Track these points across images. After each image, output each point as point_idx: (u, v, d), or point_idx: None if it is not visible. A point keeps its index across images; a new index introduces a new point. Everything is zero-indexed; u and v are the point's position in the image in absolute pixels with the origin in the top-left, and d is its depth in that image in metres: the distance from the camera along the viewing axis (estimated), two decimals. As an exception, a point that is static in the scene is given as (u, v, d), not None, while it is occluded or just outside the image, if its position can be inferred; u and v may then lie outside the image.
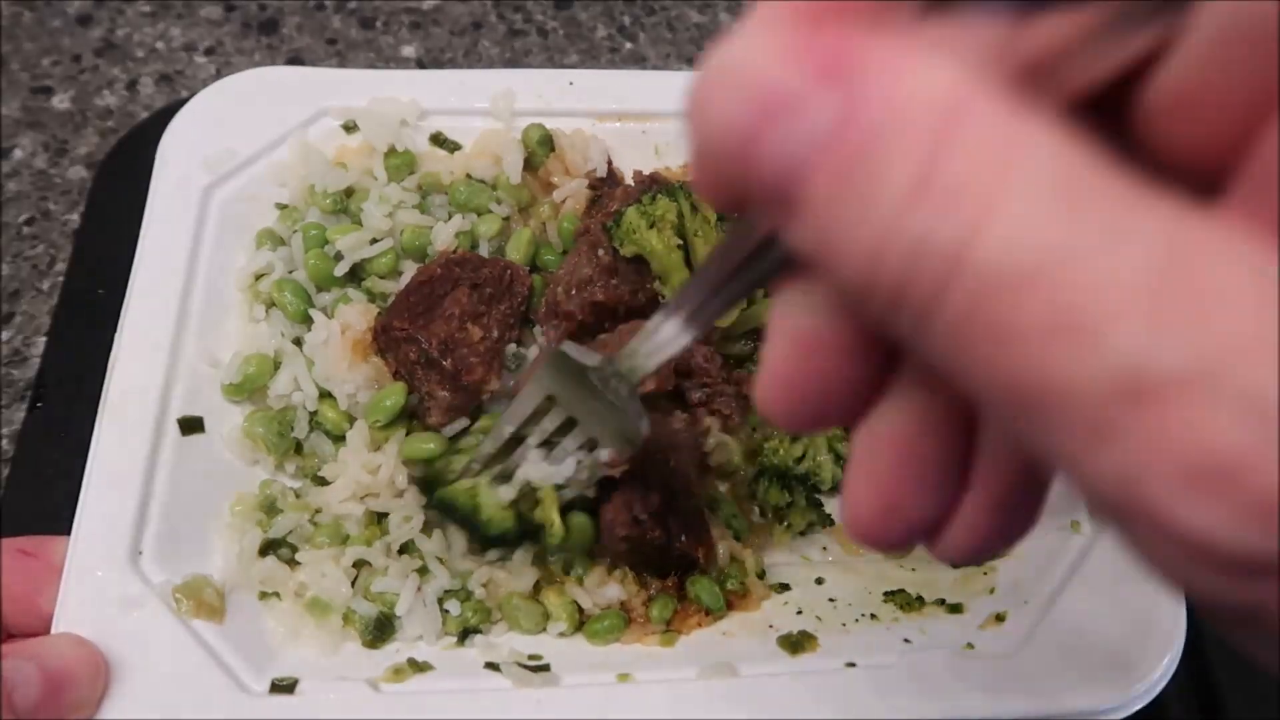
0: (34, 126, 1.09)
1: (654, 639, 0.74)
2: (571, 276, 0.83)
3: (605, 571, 0.76)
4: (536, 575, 0.76)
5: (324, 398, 0.80)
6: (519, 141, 0.93)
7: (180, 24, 1.19)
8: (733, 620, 0.76)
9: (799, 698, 0.69)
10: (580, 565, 0.76)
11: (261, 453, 0.79)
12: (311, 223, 0.86)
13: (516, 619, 0.74)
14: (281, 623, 0.72)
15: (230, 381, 0.80)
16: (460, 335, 0.79)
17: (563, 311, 0.82)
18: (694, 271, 0.42)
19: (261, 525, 0.75)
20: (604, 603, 0.76)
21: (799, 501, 0.80)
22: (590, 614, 0.75)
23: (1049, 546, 0.77)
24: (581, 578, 0.76)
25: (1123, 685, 0.69)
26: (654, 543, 0.74)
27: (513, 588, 0.75)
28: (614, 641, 0.74)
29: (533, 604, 0.75)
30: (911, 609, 0.76)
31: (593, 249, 0.84)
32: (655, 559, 0.76)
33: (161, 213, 0.85)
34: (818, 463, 0.81)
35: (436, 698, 0.68)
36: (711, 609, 0.76)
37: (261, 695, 0.67)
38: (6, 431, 0.88)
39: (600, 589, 0.76)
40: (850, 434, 0.33)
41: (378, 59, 1.18)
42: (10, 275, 0.98)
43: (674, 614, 0.76)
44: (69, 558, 0.69)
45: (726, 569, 0.77)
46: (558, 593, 0.76)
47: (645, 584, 0.77)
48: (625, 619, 0.75)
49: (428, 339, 0.78)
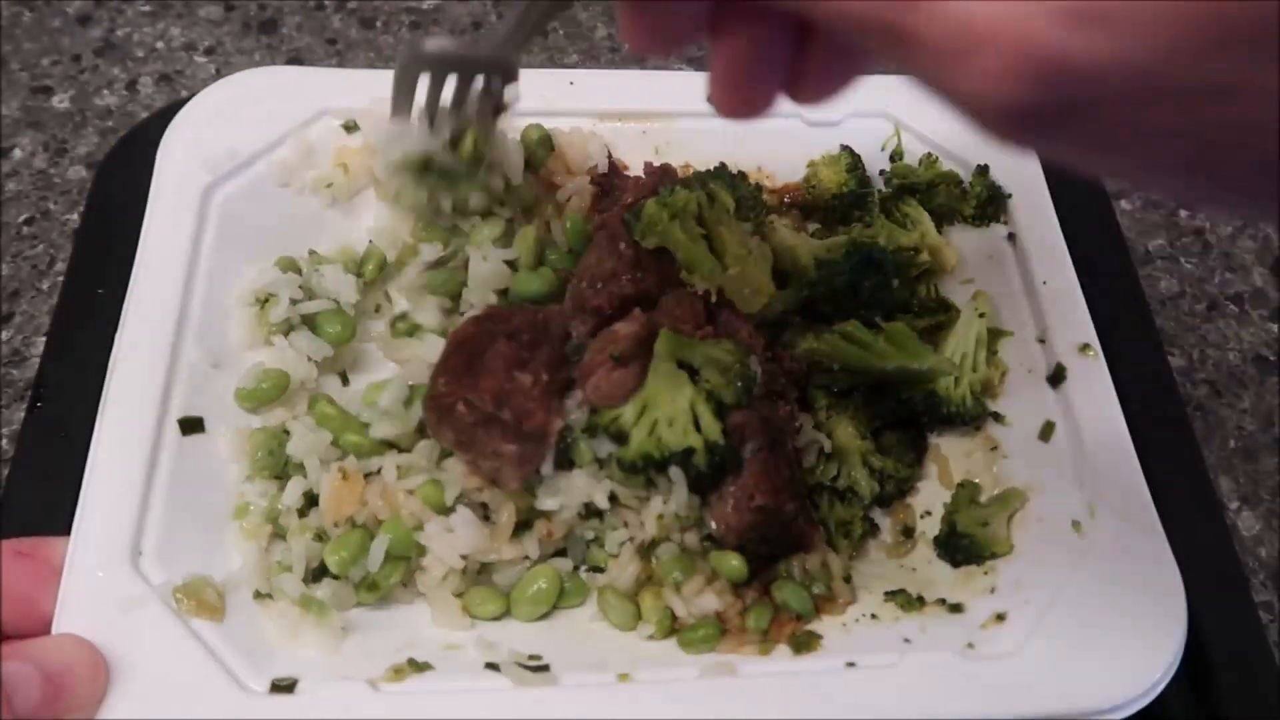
0: (34, 126, 1.09)
1: (751, 648, 0.74)
2: (596, 270, 0.83)
3: (704, 581, 0.76)
4: (637, 571, 0.76)
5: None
6: (518, 143, 0.93)
7: (180, 24, 1.19)
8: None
9: (799, 698, 0.69)
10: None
11: (242, 462, 0.78)
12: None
13: (607, 613, 0.75)
14: (278, 623, 0.72)
15: (244, 388, 0.80)
16: (510, 385, 0.76)
17: (590, 306, 0.82)
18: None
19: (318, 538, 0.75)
20: (699, 612, 0.75)
21: (857, 513, 0.81)
22: (684, 623, 0.75)
23: (1049, 547, 0.77)
24: (680, 585, 0.75)
25: (1123, 685, 0.69)
26: (785, 515, 0.75)
27: (612, 580, 0.76)
28: (708, 651, 0.73)
29: (627, 603, 0.75)
30: (912, 608, 0.76)
31: (613, 243, 0.84)
32: (774, 535, 0.76)
33: (161, 212, 0.85)
34: (853, 477, 0.83)
35: (436, 697, 0.68)
36: (802, 614, 0.75)
37: (261, 695, 0.67)
38: (6, 431, 0.88)
39: (697, 598, 0.75)
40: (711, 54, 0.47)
41: (378, 59, 1.18)
42: (10, 275, 0.98)
43: (770, 623, 0.75)
44: (69, 558, 0.69)
45: (814, 573, 0.77)
46: (654, 595, 0.76)
47: (740, 594, 0.76)
48: (721, 629, 0.75)
49: (479, 396, 0.75)
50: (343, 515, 0.75)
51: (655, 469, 0.75)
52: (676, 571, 0.76)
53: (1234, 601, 0.85)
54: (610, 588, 0.76)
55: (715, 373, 0.76)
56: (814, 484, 0.82)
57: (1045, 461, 0.82)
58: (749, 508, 0.74)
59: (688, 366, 0.77)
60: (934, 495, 0.85)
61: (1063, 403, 0.84)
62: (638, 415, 0.75)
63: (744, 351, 0.78)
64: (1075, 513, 0.78)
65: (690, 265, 0.81)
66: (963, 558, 0.79)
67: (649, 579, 0.77)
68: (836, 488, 0.83)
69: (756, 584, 0.77)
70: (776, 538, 0.77)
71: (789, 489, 0.76)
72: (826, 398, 0.85)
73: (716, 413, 0.75)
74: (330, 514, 0.75)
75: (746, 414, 0.76)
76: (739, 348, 0.78)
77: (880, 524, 0.84)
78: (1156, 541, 0.75)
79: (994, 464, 0.85)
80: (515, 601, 0.75)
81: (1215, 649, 0.80)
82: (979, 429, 0.86)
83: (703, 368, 0.76)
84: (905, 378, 0.84)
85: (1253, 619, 0.85)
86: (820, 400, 0.85)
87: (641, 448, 0.74)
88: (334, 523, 0.75)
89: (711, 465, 0.74)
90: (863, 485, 0.83)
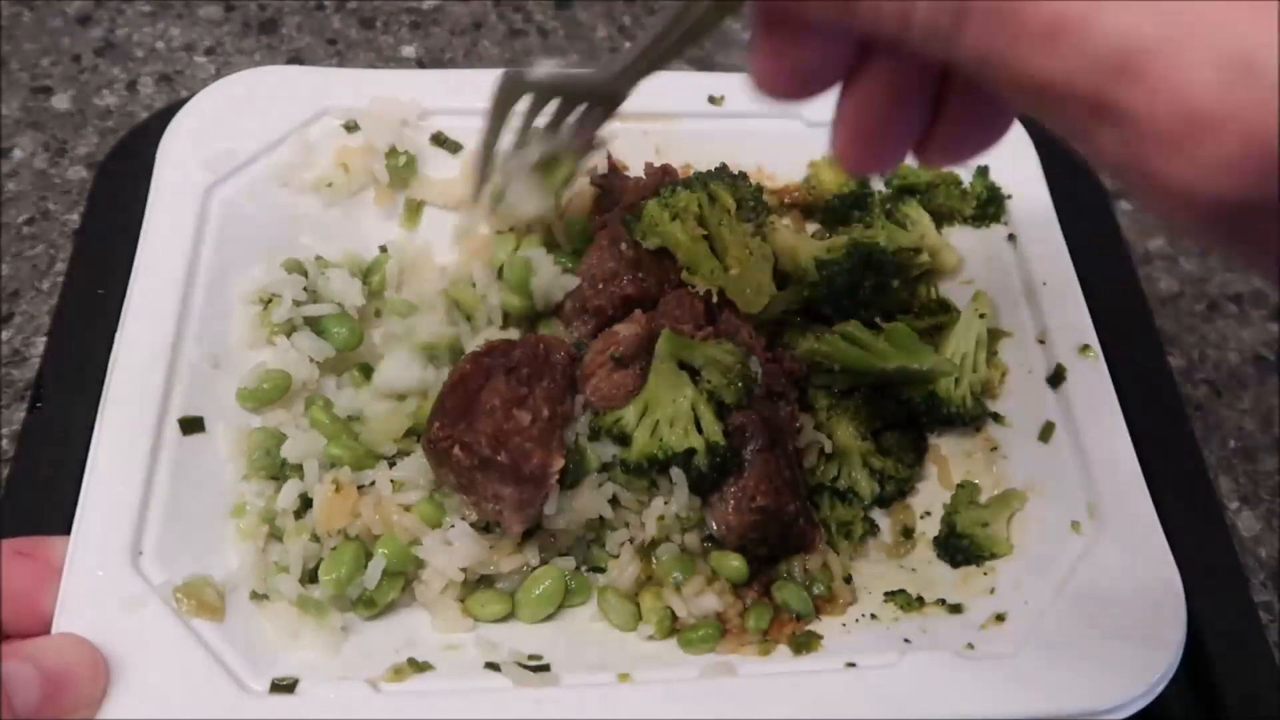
0: (34, 126, 1.09)
1: (751, 648, 0.74)
2: (597, 271, 0.83)
3: (704, 581, 0.76)
4: (637, 572, 0.76)
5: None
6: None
7: (180, 24, 1.19)
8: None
9: (799, 698, 0.69)
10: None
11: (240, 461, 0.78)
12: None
13: (607, 613, 0.75)
14: (277, 624, 0.71)
15: (246, 388, 0.79)
16: (509, 425, 0.73)
17: (592, 306, 0.82)
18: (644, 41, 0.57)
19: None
20: (699, 612, 0.75)
21: (857, 514, 0.82)
22: (684, 623, 0.75)
23: (1049, 547, 0.77)
24: (680, 585, 0.75)
25: (1123, 685, 0.69)
26: (786, 516, 0.75)
27: (613, 580, 0.76)
28: (709, 651, 0.74)
29: (628, 603, 0.75)
30: (912, 609, 0.76)
31: (614, 243, 0.84)
32: (775, 535, 0.76)
33: (161, 213, 0.85)
34: (854, 478, 0.83)
35: (437, 697, 0.68)
36: (802, 614, 0.75)
37: (262, 695, 0.67)
38: (6, 431, 0.88)
39: (697, 598, 0.75)
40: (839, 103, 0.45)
41: (378, 59, 1.18)
42: (10, 275, 0.98)
43: (770, 623, 0.75)
44: (69, 558, 0.69)
45: (815, 573, 0.78)
46: (654, 596, 0.76)
47: (740, 595, 0.77)
48: (721, 629, 0.75)
49: (474, 439, 0.72)
50: (335, 527, 0.75)
51: (658, 470, 0.75)
52: (677, 572, 0.76)
53: (1234, 602, 0.85)
54: (611, 588, 0.76)
55: (716, 373, 0.76)
56: (815, 484, 0.82)
57: (1045, 462, 0.82)
58: (750, 508, 0.75)
59: (688, 367, 0.77)
60: (934, 496, 0.85)
61: (1063, 403, 0.84)
62: (639, 416, 0.75)
63: (744, 352, 0.78)
64: (1075, 513, 0.78)
65: (691, 266, 0.81)
66: (962, 558, 0.80)
67: (649, 579, 0.77)
68: (837, 488, 0.83)
69: (756, 584, 0.77)
70: (777, 538, 0.77)
71: (790, 490, 0.76)
72: (827, 398, 0.85)
73: (718, 413, 0.75)
74: (323, 525, 0.75)
75: (747, 415, 0.76)
76: (739, 348, 0.78)
77: (880, 524, 0.84)
78: (1156, 541, 0.75)
79: (994, 464, 0.85)
80: (520, 603, 0.75)
81: (1215, 649, 0.81)
82: (979, 429, 0.86)
83: (703, 368, 0.76)
84: (905, 378, 0.84)
85: (1252, 619, 0.85)
86: (821, 401, 0.85)
87: (644, 449, 0.74)
88: (328, 532, 0.75)
89: (712, 466, 0.74)
90: (863, 486, 0.83)
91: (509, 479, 0.73)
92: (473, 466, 0.72)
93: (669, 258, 0.82)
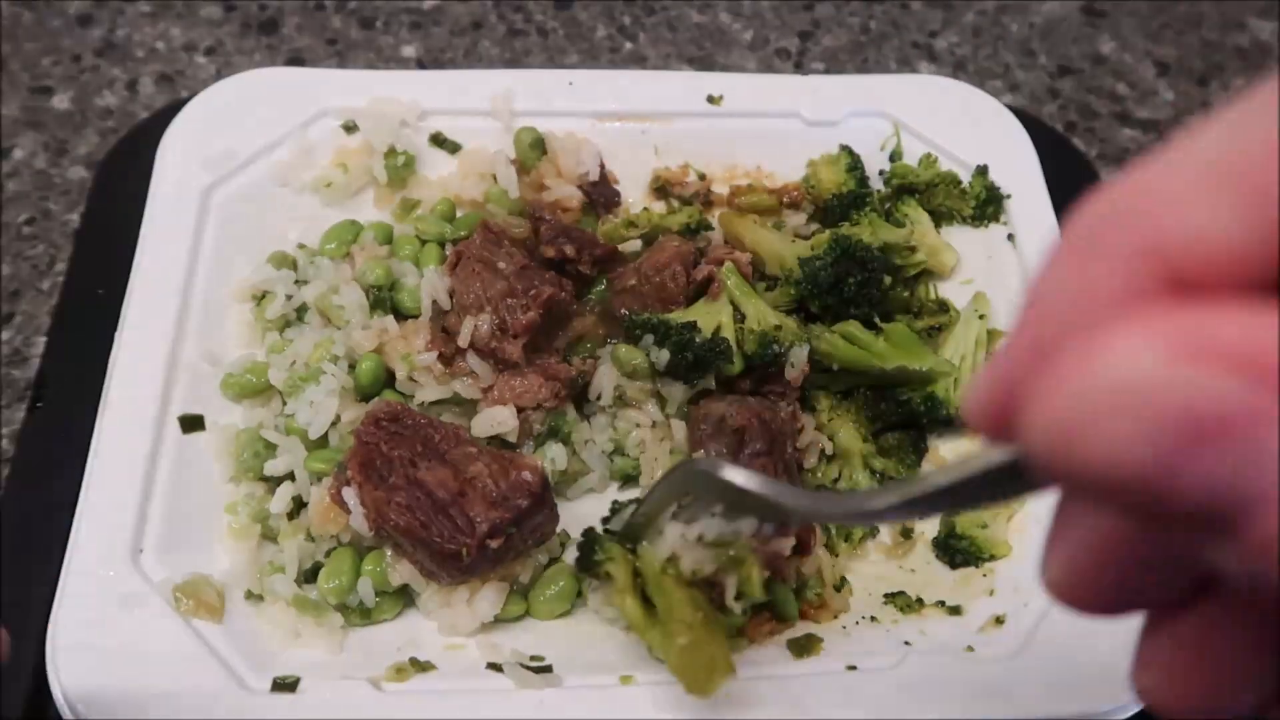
0: (34, 126, 1.08)
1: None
2: (486, 297, 0.82)
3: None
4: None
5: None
6: (507, 157, 0.92)
7: (180, 24, 1.19)
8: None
9: (799, 699, 0.69)
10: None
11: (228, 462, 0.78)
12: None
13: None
14: (276, 625, 0.71)
15: (231, 374, 0.80)
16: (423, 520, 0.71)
17: (520, 329, 0.80)
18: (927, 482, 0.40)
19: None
20: None
21: None
22: None
23: (1049, 547, 0.77)
24: None
25: (1122, 687, 0.68)
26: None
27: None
28: None
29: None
30: (911, 611, 0.76)
31: (488, 265, 0.82)
32: None
33: (161, 212, 0.85)
34: (854, 479, 0.83)
35: (438, 697, 0.68)
36: (785, 617, 0.75)
37: (263, 694, 0.67)
38: (6, 431, 0.88)
39: None
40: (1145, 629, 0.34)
41: (378, 59, 1.17)
42: (10, 275, 0.98)
43: (747, 621, 0.74)
44: (69, 557, 0.69)
45: (810, 577, 0.77)
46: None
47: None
48: None
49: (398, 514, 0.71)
50: (328, 533, 0.74)
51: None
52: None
53: (1233, 602, 0.85)
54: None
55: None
56: (815, 485, 0.82)
57: (1045, 462, 0.82)
58: None
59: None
60: (934, 496, 0.85)
61: (1062, 403, 0.83)
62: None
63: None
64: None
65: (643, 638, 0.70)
66: (962, 559, 0.79)
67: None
68: (837, 489, 0.83)
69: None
70: None
71: None
72: (828, 399, 0.85)
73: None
74: (317, 528, 0.75)
75: (747, 415, 0.76)
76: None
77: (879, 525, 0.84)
78: (1156, 542, 0.75)
79: (993, 465, 0.85)
80: (534, 602, 0.75)
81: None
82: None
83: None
84: (905, 378, 0.84)
85: (1252, 619, 0.85)
86: (822, 402, 0.85)
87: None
88: (322, 535, 0.75)
89: None
90: (864, 487, 0.83)
91: (433, 560, 0.72)
92: (400, 530, 0.71)
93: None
